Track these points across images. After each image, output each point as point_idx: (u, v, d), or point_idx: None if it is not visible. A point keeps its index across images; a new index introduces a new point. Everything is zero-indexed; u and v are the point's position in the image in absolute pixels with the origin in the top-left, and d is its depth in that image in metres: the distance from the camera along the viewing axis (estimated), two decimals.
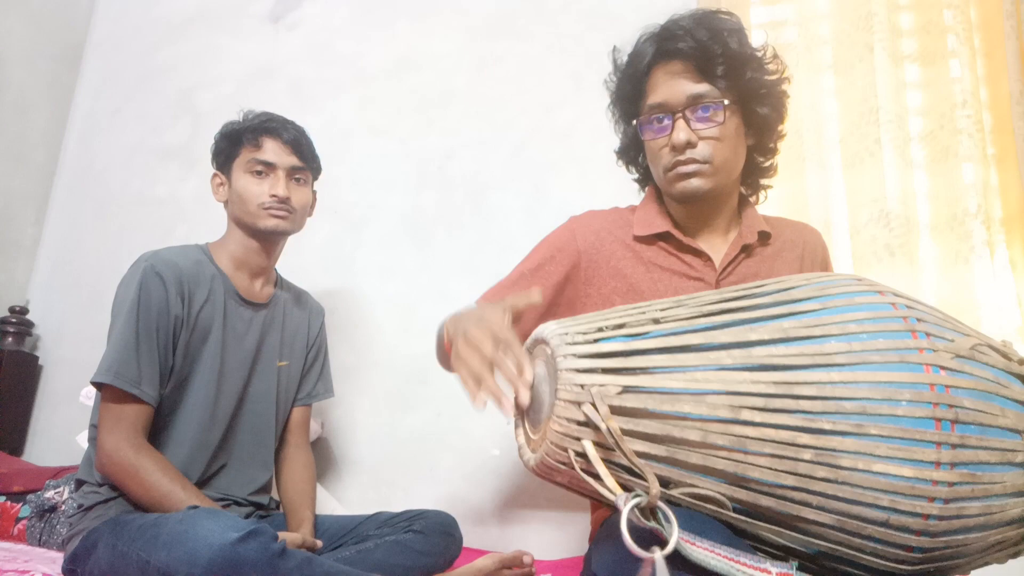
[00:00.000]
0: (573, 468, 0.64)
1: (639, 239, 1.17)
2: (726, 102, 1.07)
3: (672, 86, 1.08)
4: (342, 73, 2.22)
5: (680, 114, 1.07)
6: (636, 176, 1.29)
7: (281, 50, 2.32)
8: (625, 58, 1.17)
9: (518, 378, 0.70)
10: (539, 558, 1.48)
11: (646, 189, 1.26)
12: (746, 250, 1.14)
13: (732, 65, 1.07)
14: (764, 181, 1.23)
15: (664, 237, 1.16)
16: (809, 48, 1.72)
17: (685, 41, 1.07)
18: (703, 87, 1.07)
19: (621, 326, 0.70)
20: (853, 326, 0.68)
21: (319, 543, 1.27)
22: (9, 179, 2.31)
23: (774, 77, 1.13)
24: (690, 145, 1.06)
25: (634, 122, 1.14)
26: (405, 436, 1.85)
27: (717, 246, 1.16)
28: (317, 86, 2.23)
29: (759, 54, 1.11)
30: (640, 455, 0.62)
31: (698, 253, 1.13)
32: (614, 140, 1.26)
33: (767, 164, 1.21)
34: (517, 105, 2.00)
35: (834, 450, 0.63)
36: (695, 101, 1.07)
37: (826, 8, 1.73)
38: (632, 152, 1.25)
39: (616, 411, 0.63)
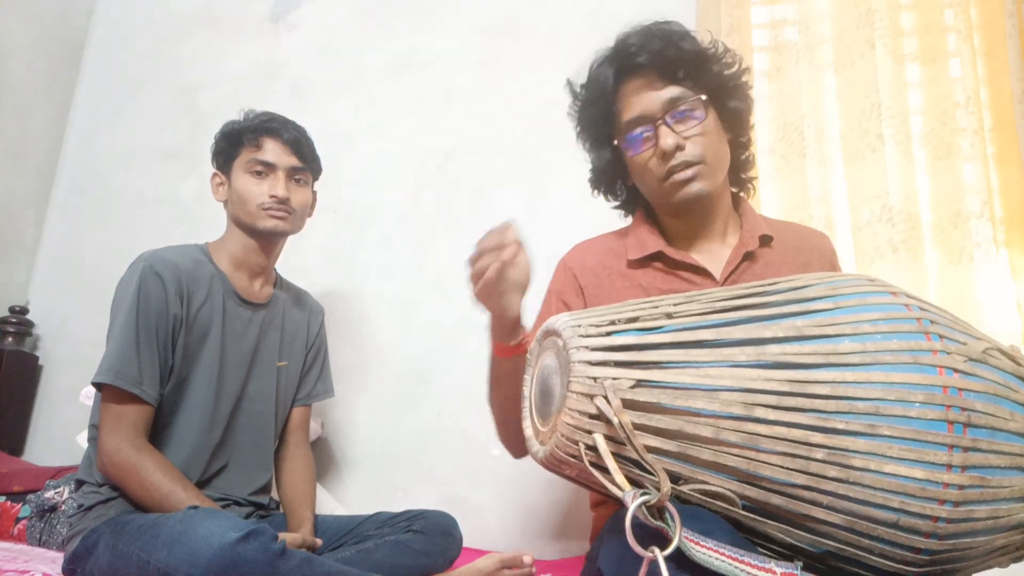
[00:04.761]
0: (582, 461, 0.64)
1: (633, 264, 1.15)
2: (703, 97, 1.07)
3: (644, 97, 1.08)
4: (342, 73, 2.21)
5: (660, 120, 1.07)
6: (616, 204, 1.26)
7: (282, 50, 2.31)
8: (580, 88, 1.17)
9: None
10: (539, 558, 1.47)
11: (634, 214, 1.23)
12: (749, 257, 1.11)
13: (693, 64, 1.08)
14: (745, 175, 1.22)
15: (657, 257, 1.14)
16: (810, 47, 1.72)
17: (641, 56, 1.07)
18: (675, 90, 1.07)
19: (634, 319, 0.70)
20: (867, 326, 0.68)
21: (319, 542, 1.26)
22: (9, 179, 2.31)
23: (733, 69, 1.13)
24: (679, 148, 1.06)
25: (615, 142, 1.14)
26: (405, 436, 1.85)
27: (717, 254, 1.13)
28: (317, 86, 2.23)
29: (712, 51, 1.12)
30: (651, 450, 0.62)
31: (695, 268, 1.11)
32: None
33: (745, 156, 1.21)
34: (517, 105, 2.00)
35: (846, 450, 0.63)
36: (672, 105, 1.07)
37: (826, 7, 1.73)
38: (610, 176, 1.22)
39: (628, 405, 0.63)
